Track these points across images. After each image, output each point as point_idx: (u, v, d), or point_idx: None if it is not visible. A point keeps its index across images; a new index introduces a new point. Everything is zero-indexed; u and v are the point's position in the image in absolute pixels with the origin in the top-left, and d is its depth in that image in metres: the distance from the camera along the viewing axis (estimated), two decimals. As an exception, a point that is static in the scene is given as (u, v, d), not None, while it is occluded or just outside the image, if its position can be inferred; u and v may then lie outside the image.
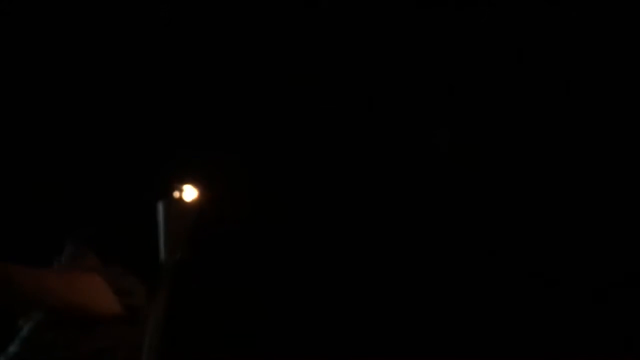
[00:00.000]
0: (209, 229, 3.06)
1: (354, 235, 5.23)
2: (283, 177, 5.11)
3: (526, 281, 5.18)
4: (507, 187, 5.23)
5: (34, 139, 4.75)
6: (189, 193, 2.73)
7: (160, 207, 2.72)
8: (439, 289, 5.26)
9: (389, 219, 5.27)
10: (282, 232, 5.12)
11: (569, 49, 4.92)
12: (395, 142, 5.30)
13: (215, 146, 4.88)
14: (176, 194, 2.73)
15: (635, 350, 4.85)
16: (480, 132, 5.19)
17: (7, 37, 4.80)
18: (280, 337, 5.10)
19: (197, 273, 3.98)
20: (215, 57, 5.01)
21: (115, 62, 4.83)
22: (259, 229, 5.07)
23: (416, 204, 5.29)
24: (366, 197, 5.27)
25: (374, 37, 5.06)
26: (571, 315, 5.10)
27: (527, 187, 5.23)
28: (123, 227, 3.14)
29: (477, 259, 5.21)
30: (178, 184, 2.74)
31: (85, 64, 4.82)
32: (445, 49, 5.02)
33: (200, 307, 4.83)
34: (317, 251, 5.17)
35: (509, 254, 5.19)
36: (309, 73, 5.10)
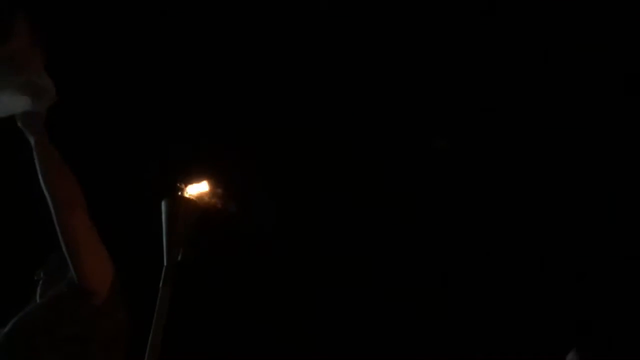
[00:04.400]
0: (212, 228, 3.08)
1: (354, 234, 5.24)
2: (286, 177, 5.12)
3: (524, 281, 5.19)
4: (504, 188, 5.24)
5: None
6: (193, 192, 2.75)
7: (163, 206, 2.73)
8: (438, 289, 5.27)
9: (389, 221, 5.27)
10: (284, 231, 5.13)
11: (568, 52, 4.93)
12: (394, 142, 5.31)
13: (219, 146, 4.89)
14: (180, 193, 2.74)
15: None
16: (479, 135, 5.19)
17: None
18: (281, 337, 5.10)
19: (200, 272, 4.00)
20: (217, 57, 5.01)
21: (116, 62, 4.83)
22: (261, 228, 5.07)
23: (415, 204, 5.30)
24: (367, 198, 5.28)
25: (377, 40, 5.07)
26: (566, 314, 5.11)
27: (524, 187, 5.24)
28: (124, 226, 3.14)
29: (475, 259, 5.22)
30: (182, 184, 2.76)
31: (87, 63, 4.82)
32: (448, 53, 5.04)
33: (203, 307, 4.83)
34: (319, 250, 5.18)
35: (506, 253, 5.20)
36: (310, 73, 5.11)
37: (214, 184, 2.92)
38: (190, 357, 4.73)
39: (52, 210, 2.58)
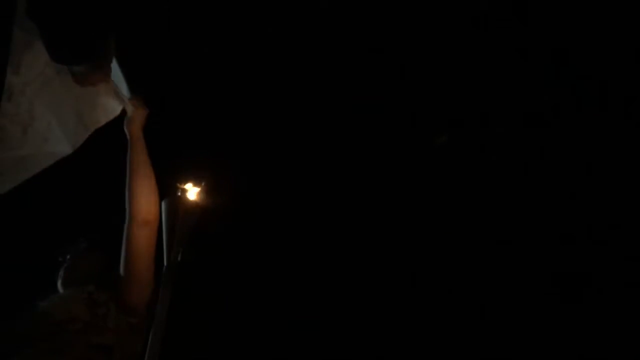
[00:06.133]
0: (211, 229, 3.07)
1: (353, 235, 5.24)
2: (285, 177, 5.12)
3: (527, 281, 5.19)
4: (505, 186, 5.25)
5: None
6: (192, 193, 2.74)
7: (163, 206, 2.73)
8: (436, 288, 5.27)
9: (386, 220, 5.28)
10: (283, 232, 5.13)
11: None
12: (389, 143, 5.31)
13: (217, 146, 4.89)
14: (179, 194, 2.74)
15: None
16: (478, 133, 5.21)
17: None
18: (280, 338, 5.10)
19: (200, 273, 4.00)
20: (217, 59, 5.02)
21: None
22: (259, 228, 5.08)
23: (413, 204, 5.30)
24: (365, 198, 5.28)
25: (376, 38, 5.08)
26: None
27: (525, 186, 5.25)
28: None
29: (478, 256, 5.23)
30: (181, 184, 2.75)
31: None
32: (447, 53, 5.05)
33: (202, 307, 4.84)
34: (318, 251, 5.18)
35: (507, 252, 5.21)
36: (308, 74, 5.11)
37: (214, 184, 2.91)
38: (190, 358, 4.74)
39: (128, 216, 2.59)
